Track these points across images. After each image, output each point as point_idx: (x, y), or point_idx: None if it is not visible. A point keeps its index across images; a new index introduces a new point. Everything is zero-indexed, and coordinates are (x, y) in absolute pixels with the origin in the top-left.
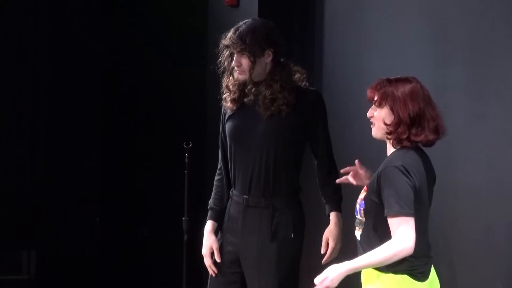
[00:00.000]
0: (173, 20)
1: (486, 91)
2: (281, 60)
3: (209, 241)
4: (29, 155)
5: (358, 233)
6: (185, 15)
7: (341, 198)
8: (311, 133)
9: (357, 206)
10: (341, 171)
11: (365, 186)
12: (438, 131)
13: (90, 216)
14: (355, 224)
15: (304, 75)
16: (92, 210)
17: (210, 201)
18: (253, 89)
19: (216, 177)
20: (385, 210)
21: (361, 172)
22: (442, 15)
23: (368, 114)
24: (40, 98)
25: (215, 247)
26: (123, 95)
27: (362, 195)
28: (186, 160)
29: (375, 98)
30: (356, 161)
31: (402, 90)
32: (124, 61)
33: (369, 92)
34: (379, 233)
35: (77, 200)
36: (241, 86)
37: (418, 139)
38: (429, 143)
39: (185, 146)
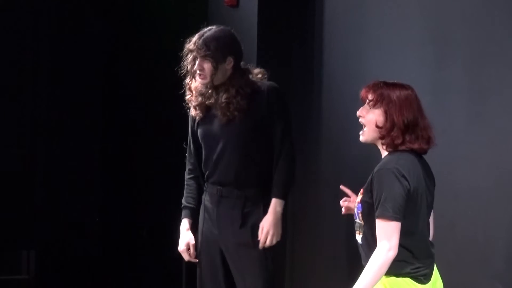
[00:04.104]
0: (173, 21)
1: (486, 91)
2: (241, 66)
3: (186, 237)
4: (29, 155)
5: (359, 237)
6: (185, 15)
7: (286, 185)
8: (269, 131)
9: (355, 210)
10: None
11: (361, 189)
12: (429, 142)
13: (90, 216)
14: (355, 228)
15: (265, 75)
16: (92, 210)
17: (184, 200)
18: (214, 93)
19: (187, 177)
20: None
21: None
22: (442, 15)
23: (358, 113)
24: (40, 97)
25: (191, 244)
26: (123, 95)
27: (359, 198)
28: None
29: (370, 98)
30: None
31: (399, 95)
32: (124, 61)
33: (363, 92)
34: (375, 235)
35: (77, 200)
36: (203, 91)
37: (413, 146)
38: (422, 151)
39: (185, 146)
